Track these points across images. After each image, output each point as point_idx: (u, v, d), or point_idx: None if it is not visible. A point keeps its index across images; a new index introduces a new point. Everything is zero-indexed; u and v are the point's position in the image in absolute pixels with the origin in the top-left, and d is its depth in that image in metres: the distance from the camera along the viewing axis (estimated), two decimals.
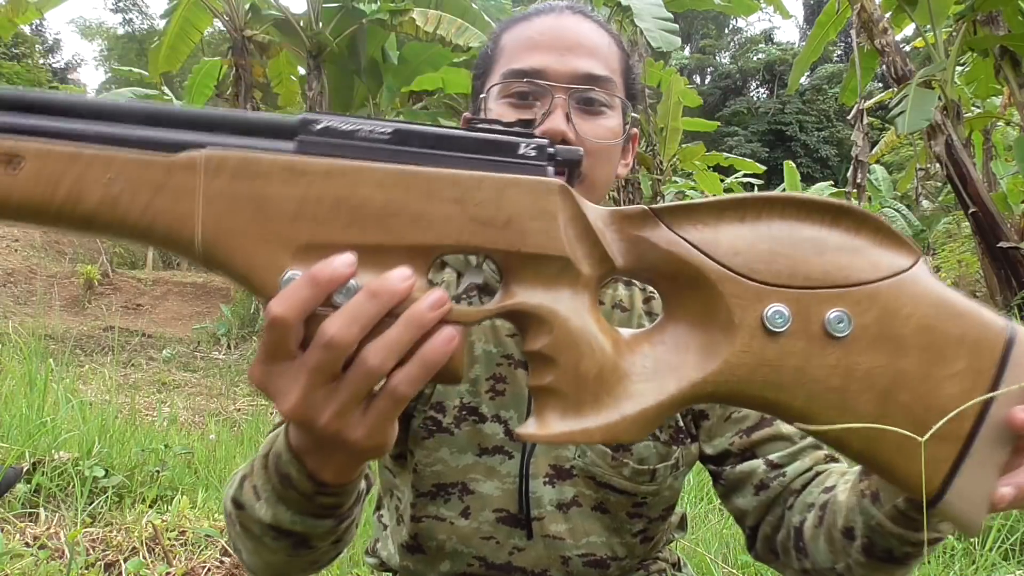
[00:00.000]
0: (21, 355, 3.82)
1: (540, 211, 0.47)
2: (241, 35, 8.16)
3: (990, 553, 2.12)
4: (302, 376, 0.45)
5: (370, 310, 0.44)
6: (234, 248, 0.45)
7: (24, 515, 2.20)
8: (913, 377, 0.48)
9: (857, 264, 0.49)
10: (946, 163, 6.18)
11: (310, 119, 0.47)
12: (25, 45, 17.51)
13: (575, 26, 0.85)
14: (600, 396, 0.47)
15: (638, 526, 0.90)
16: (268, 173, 0.45)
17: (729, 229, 0.49)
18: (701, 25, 37.07)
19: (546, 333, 0.47)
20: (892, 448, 0.48)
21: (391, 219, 0.46)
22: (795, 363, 0.48)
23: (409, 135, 0.48)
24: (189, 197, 0.45)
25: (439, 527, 0.88)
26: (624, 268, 0.50)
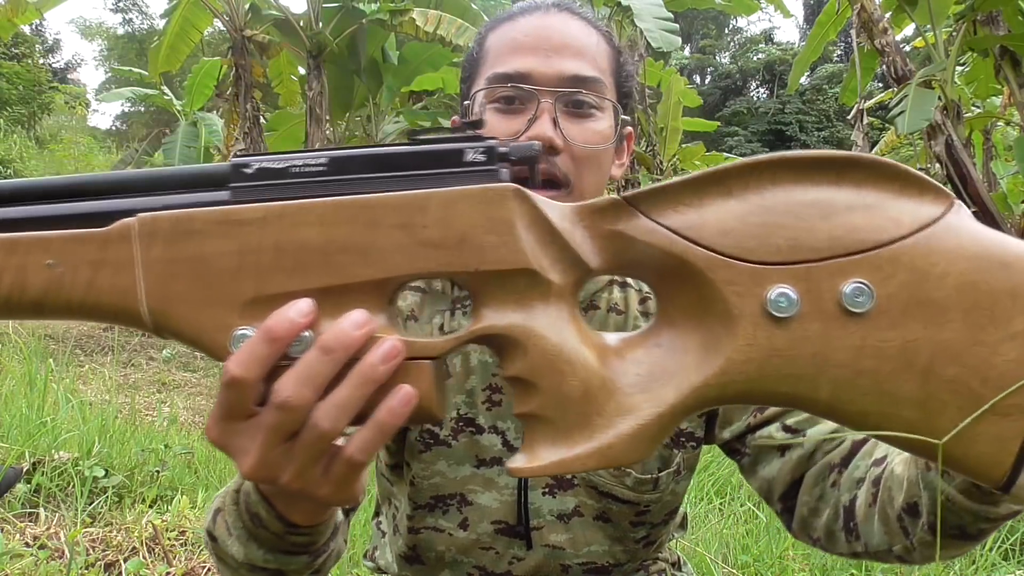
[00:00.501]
0: (21, 355, 3.82)
1: (494, 222, 0.42)
2: (241, 35, 8.15)
3: (990, 553, 2.12)
4: (258, 436, 0.43)
5: (324, 368, 0.41)
6: (180, 315, 0.43)
7: (24, 515, 2.20)
8: (959, 347, 0.40)
9: (874, 223, 0.41)
10: (946, 163, 6.18)
11: (240, 163, 0.44)
12: (25, 45, 17.49)
13: (561, 25, 0.81)
14: (590, 417, 0.42)
15: (641, 533, 0.89)
16: (202, 230, 0.42)
17: (715, 207, 0.42)
18: (701, 25, 37.06)
19: (521, 356, 0.43)
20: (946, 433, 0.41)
21: (337, 257, 0.42)
22: (812, 349, 0.41)
23: (345, 162, 0.44)
24: (128, 269, 0.43)
25: (438, 538, 0.87)
26: (601, 268, 0.44)
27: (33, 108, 15.52)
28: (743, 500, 2.67)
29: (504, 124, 0.79)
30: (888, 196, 0.42)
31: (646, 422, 0.42)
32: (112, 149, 17.73)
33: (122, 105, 25.48)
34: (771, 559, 2.17)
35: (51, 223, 0.44)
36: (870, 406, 0.41)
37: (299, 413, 0.42)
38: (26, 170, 14.65)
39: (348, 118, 9.48)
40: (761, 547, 2.23)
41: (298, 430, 0.42)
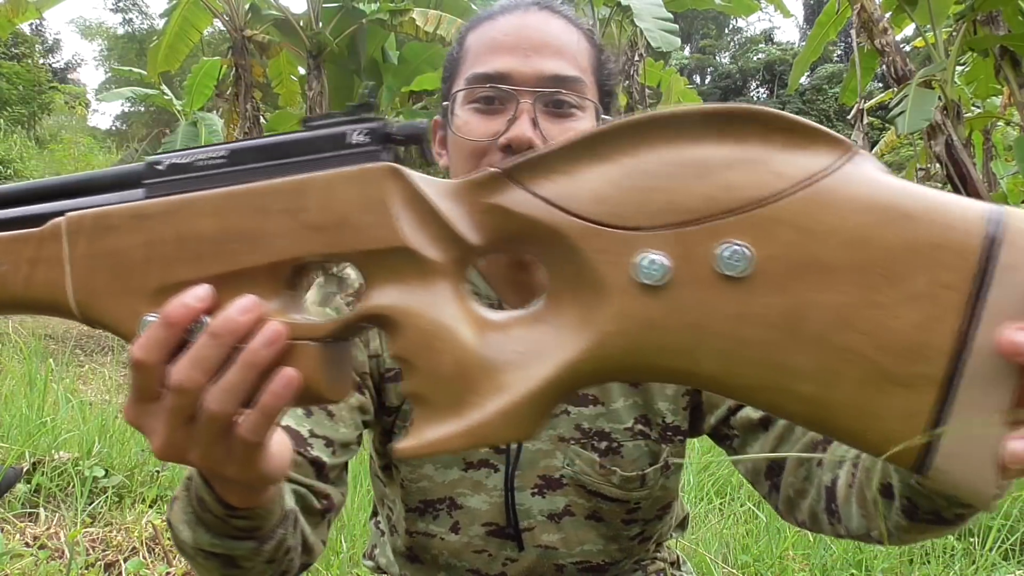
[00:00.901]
0: (21, 355, 3.82)
1: (371, 202, 0.42)
2: (241, 35, 8.15)
3: (990, 553, 2.12)
4: (163, 418, 0.45)
5: (212, 352, 0.43)
6: (100, 306, 0.45)
7: (24, 515, 2.20)
8: (853, 311, 0.36)
9: (756, 179, 0.37)
10: (946, 163, 6.18)
11: (153, 160, 0.46)
12: (25, 45, 17.50)
13: (541, 24, 0.80)
14: (463, 396, 0.41)
15: (635, 530, 0.89)
16: (118, 226, 0.45)
17: (591, 173, 0.40)
18: (701, 25, 37.06)
19: (401, 335, 0.42)
20: (847, 408, 0.37)
21: (229, 245, 0.44)
22: (689, 319, 0.38)
23: (243, 152, 0.45)
24: (59, 265, 0.46)
25: (431, 542, 0.87)
26: (484, 245, 0.43)
27: (33, 108, 15.53)
28: (743, 500, 2.67)
29: (484, 125, 0.79)
30: (773, 150, 0.38)
31: (517, 400, 0.41)
32: (112, 149, 17.72)
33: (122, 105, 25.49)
34: (771, 559, 2.17)
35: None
36: (759, 380, 0.38)
37: (192, 396, 0.43)
38: (26, 170, 14.64)
39: None
40: (761, 547, 2.23)
41: (195, 414, 0.44)
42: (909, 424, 0.36)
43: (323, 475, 0.75)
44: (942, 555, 2.15)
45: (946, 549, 2.18)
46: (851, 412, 0.37)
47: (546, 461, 0.84)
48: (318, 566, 2.11)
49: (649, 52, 8.99)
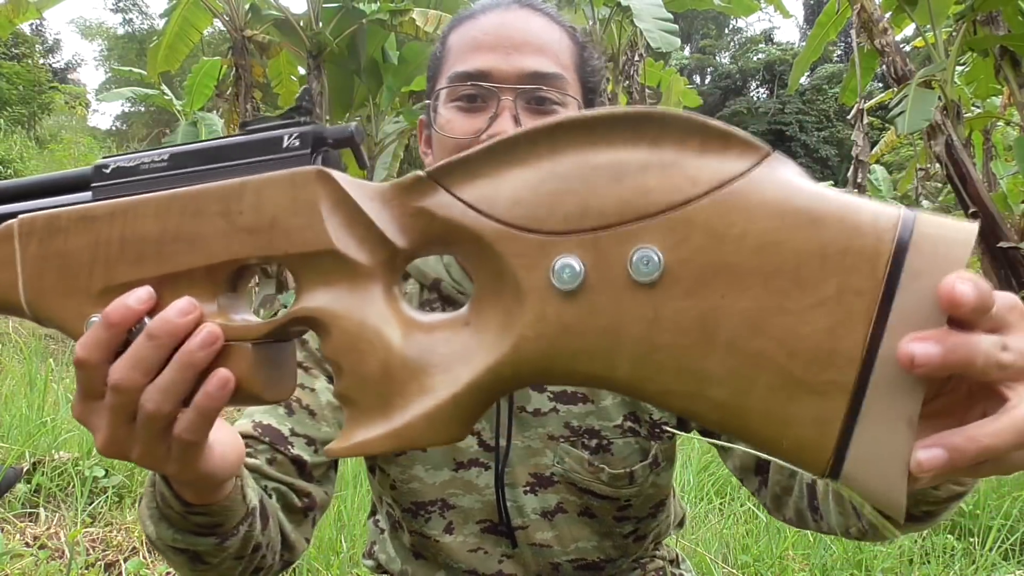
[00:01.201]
0: (21, 355, 3.82)
1: (300, 204, 0.43)
2: (241, 35, 8.15)
3: (990, 553, 2.12)
4: (105, 415, 0.46)
5: (150, 353, 0.44)
6: (49, 305, 0.47)
7: (24, 515, 2.20)
8: (762, 316, 0.36)
9: (669, 183, 0.37)
10: (946, 163, 6.18)
11: (101, 164, 0.48)
12: (25, 45, 17.48)
13: (521, 22, 0.81)
14: (388, 398, 0.42)
15: (627, 528, 0.89)
16: (66, 228, 0.46)
17: (511, 176, 0.40)
18: (701, 25, 37.07)
19: (330, 337, 0.43)
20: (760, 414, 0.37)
21: (169, 247, 0.45)
22: (603, 323, 0.38)
23: (184, 156, 0.46)
24: (11, 266, 0.47)
25: (426, 544, 0.88)
26: (410, 247, 0.43)
27: (33, 108, 15.52)
28: (743, 500, 2.67)
29: (466, 123, 0.79)
30: (688, 154, 0.37)
31: (440, 403, 0.41)
32: (112, 149, 17.71)
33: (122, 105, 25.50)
34: (771, 559, 2.17)
35: None
36: (672, 385, 0.38)
37: (131, 395, 0.44)
38: (26, 170, 14.63)
39: (348, 118, 9.48)
40: (761, 547, 2.23)
41: (134, 413, 0.45)
42: (821, 431, 0.36)
43: (305, 473, 0.76)
44: (942, 555, 2.15)
45: (946, 549, 2.19)
46: (764, 418, 0.37)
47: (536, 459, 0.84)
48: (318, 566, 2.11)
49: (649, 52, 8.99)
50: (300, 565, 2.11)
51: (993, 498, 2.41)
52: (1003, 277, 6.16)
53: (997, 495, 2.43)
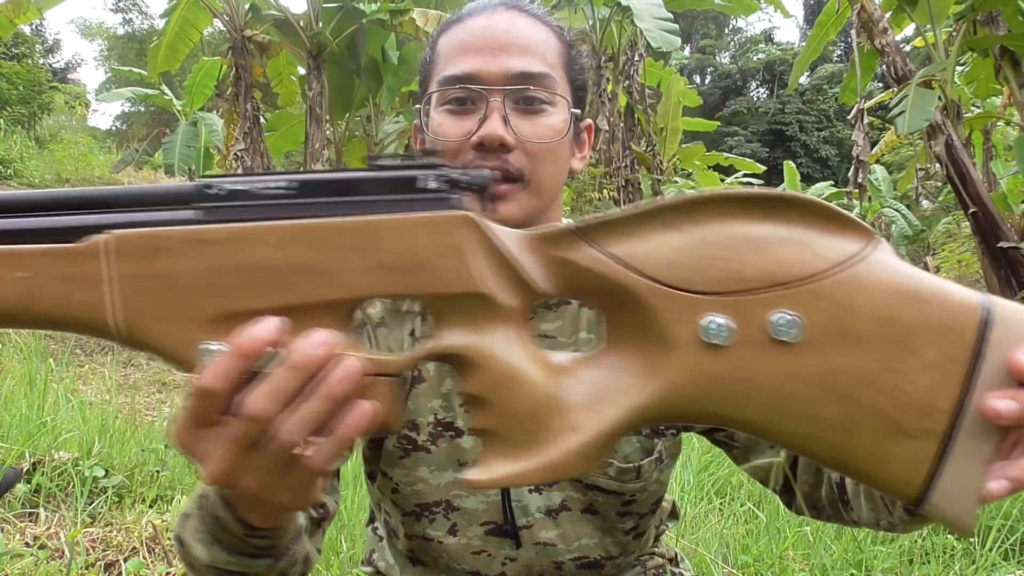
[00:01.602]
0: (21, 355, 3.82)
1: (445, 248, 0.45)
2: (241, 35, 8.15)
3: (990, 553, 2.12)
4: (224, 444, 0.45)
5: (291, 384, 0.44)
6: (147, 328, 0.45)
7: (24, 515, 2.20)
8: (877, 375, 0.43)
9: (800, 257, 0.44)
10: (946, 163, 6.18)
11: (205, 184, 0.46)
12: (25, 45, 17.47)
13: (507, 24, 0.82)
14: (537, 434, 0.45)
15: (629, 524, 0.90)
16: (168, 248, 0.44)
17: (657, 238, 0.45)
18: (701, 25, 37.06)
19: (476, 374, 0.45)
20: (865, 454, 0.45)
21: (295, 278, 0.44)
22: (743, 375, 0.44)
23: (308, 185, 0.46)
24: (99, 284, 0.44)
25: (429, 546, 0.87)
26: (550, 293, 0.47)
27: (33, 108, 15.52)
28: (743, 500, 2.67)
29: (456, 125, 0.80)
30: (814, 232, 0.44)
31: (590, 439, 0.45)
32: (112, 149, 17.72)
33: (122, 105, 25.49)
34: (771, 559, 2.17)
35: (22, 237, 0.45)
36: (796, 428, 0.44)
37: (265, 425, 0.44)
38: (26, 170, 14.62)
39: (348, 118, 9.48)
40: (761, 547, 2.23)
41: (261, 440, 0.45)
42: (915, 468, 0.44)
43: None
44: (942, 555, 2.15)
45: (946, 549, 2.19)
46: (868, 456, 0.45)
47: None
48: (318, 566, 2.11)
49: (649, 52, 8.99)
50: None
51: None
52: (1003, 277, 6.16)
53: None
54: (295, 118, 9.26)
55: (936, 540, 2.22)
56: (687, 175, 14.60)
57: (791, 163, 17.30)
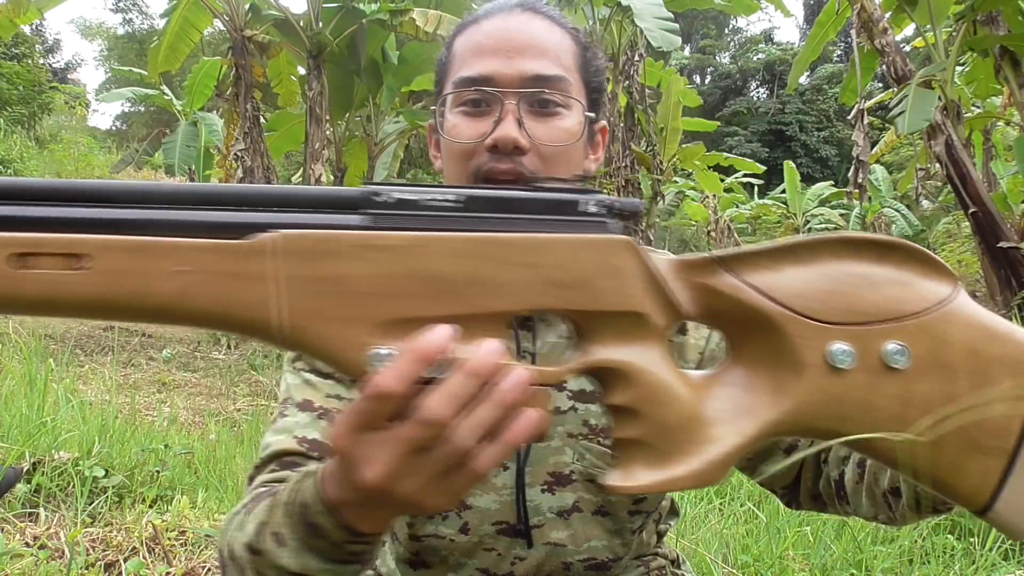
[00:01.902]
0: (21, 355, 3.82)
1: (610, 268, 0.48)
2: (241, 35, 8.15)
3: (990, 553, 2.12)
4: (392, 447, 0.46)
5: (468, 390, 0.45)
6: (315, 330, 0.45)
7: (24, 515, 2.20)
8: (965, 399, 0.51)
9: (907, 296, 0.51)
10: (946, 163, 6.18)
11: (373, 191, 0.47)
12: (25, 45, 17.46)
13: (523, 26, 0.82)
14: (684, 444, 0.49)
15: (637, 522, 0.90)
16: (339, 252, 0.45)
17: (789, 272, 0.51)
18: (701, 25, 37.06)
19: (630, 388, 0.49)
20: (948, 467, 0.51)
21: (467, 288, 0.46)
22: (860, 396, 0.50)
23: (475, 200, 0.48)
24: (263, 282, 0.44)
25: (440, 544, 0.87)
26: (691, 315, 0.51)
27: (33, 108, 15.52)
28: (743, 500, 2.67)
29: (471, 127, 0.81)
30: (917, 275, 0.52)
31: (730, 450, 0.49)
32: (112, 149, 17.73)
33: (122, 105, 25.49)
34: (771, 559, 2.17)
35: (183, 230, 0.44)
36: (895, 443, 0.50)
37: (440, 429, 0.46)
38: (26, 170, 14.61)
39: (348, 118, 9.48)
40: (761, 547, 2.23)
41: (432, 444, 0.46)
42: (985, 480, 0.51)
43: None
44: (942, 555, 2.15)
45: (946, 549, 2.19)
46: (950, 469, 0.51)
47: (556, 458, 0.85)
48: None
49: (649, 52, 8.99)
50: None
51: None
52: (1003, 277, 6.16)
53: None
54: (295, 118, 9.26)
55: (936, 540, 2.22)
56: (687, 175, 14.60)
57: (791, 163, 17.32)
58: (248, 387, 5.86)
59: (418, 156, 15.78)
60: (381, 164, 9.68)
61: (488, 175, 0.79)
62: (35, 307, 0.43)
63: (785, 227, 17.51)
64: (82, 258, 0.42)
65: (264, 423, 4.01)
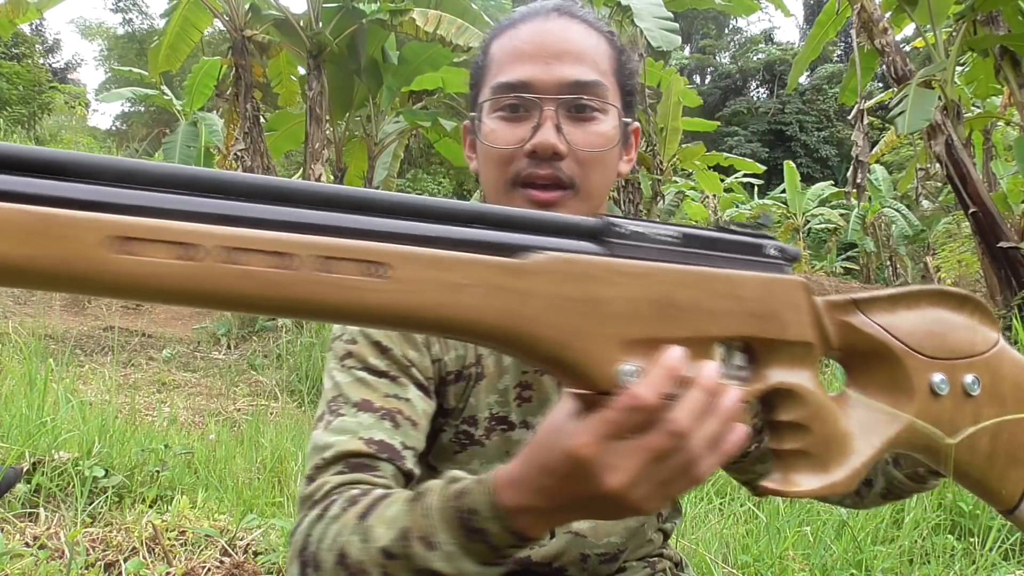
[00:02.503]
0: (21, 355, 3.82)
1: (792, 304, 0.57)
2: (241, 35, 8.15)
3: (990, 553, 2.12)
4: (638, 455, 0.50)
5: (703, 405, 0.51)
6: (576, 345, 0.49)
7: (24, 515, 2.20)
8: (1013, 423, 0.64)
9: (975, 339, 0.64)
10: (946, 163, 6.18)
11: (612, 222, 0.52)
12: (25, 45, 17.47)
13: (560, 31, 0.83)
14: (839, 456, 0.58)
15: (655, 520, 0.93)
16: (597, 276, 0.50)
17: (902, 314, 0.62)
18: (701, 25, 37.05)
19: (799, 407, 0.57)
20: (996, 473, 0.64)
21: (691, 314, 0.53)
22: (948, 417, 0.62)
23: (692, 238, 0.55)
24: (532, 299, 0.48)
25: None
26: (834, 346, 0.60)
27: (33, 108, 15.52)
28: (743, 500, 2.67)
29: (509, 132, 0.82)
30: (979, 322, 0.65)
31: (866, 460, 0.59)
32: (112, 149, 17.71)
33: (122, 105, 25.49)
34: (771, 559, 2.17)
35: (466, 247, 0.48)
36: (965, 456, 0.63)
37: (682, 440, 0.51)
38: None
39: (348, 118, 9.48)
40: (761, 547, 2.23)
41: (671, 453, 0.51)
42: (1017, 487, 0.65)
43: (410, 485, 0.77)
44: (942, 555, 2.15)
45: (946, 549, 2.19)
46: (997, 476, 0.64)
47: None
48: None
49: (649, 52, 8.98)
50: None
51: None
52: (1003, 277, 6.16)
53: None
54: (295, 118, 9.26)
55: (936, 540, 2.22)
56: (687, 175, 14.60)
57: (791, 163, 17.31)
58: (248, 387, 5.86)
59: (418, 156, 15.78)
60: (381, 164, 9.68)
61: (527, 180, 0.80)
62: (334, 314, 0.45)
63: (785, 227, 17.51)
64: (384, 269, 0.44)
65: (264, 423, 4.01)
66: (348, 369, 0.82)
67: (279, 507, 2.62)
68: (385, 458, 0.76)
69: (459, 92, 9.24)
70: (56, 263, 0.38)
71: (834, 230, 17.86)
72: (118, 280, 0.40)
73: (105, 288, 0.40)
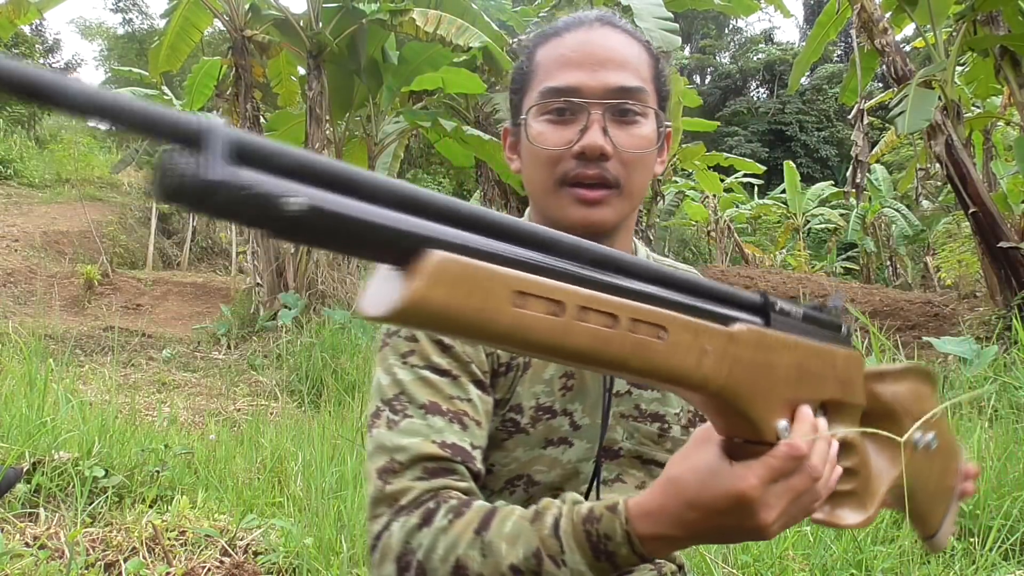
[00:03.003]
0: (21, 355, 3.83)
1: (858, 375, 0.71)
2: (241, 35, 8.15)
3: (990, 553, 2.12)
4: (787, 495, 0.61)
5: (827, 453, 0.63)
6: (756, 402, 0.59)
7: (24, 515, 2.20)
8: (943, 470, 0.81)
9: (927, 407, 0.77)
10: (946, 163, 6.18)
11: (771, 301, 0.62)
12: (25, 45, 17.45)
13: (605, 40, 0.89)
14: (873, 494, 0.71)
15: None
16: (773, 346, 0.60)
17: (895, 385, 0.77)
18: (701, 25, 37.05)
19: (855, 454, 0.70)
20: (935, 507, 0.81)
21: (815, 379, 0.65)
22: (919, 468, 0.77)
23: (813, 319, 0.67)
24: (738, 363, 0.56)
25: None
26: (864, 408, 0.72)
27: (33, 108, 15.50)
28: None
29: (557, 134, 0.87)
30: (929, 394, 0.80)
31: (882, 498, 0.72)
32: (112, 149, 17.72)
33: None
34: (771, 559, 2.17)
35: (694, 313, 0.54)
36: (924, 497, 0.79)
37: (816, 482, 0.62)
38: (26, 170, 14.60)
39: (348, 118, 9.48)
40: (761, 547, 2.23)
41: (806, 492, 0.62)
42: (940, 518, 0.83)
43: (479, 483, 0.81)
44: (942, 555, 2.15)
45: (946, 549, 2.18)
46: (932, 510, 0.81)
47: (608, 435, 0.92)
48: (318, 566, 2.11)
49: None
50: (300, 565, 2.11)
51: (993, 498, 2.41)
52: (1003, 277, 6.16)
53: (997, 495, 2.43)
54: (295, 118, 9.25)
55: None
56: (687, 175, 14.61)
57: (791, 163, 17.31)
58: (248, 387, 5.86)
59: (418, 156, 15.76)
60: (381, 164, 9.68)
61: (575, 179, 0.86)
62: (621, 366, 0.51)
63: (785, 227, 17.51)
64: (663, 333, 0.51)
65: (264, 423, 4.01)
66: (411, 367, 0.84)
67: (279, 507, 2.62)
68: (459, 461, 0.79)
69: (459, 92, 9.24)
70: (471, 312, 0.43)
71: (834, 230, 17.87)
72: (513, 332, 0.45)
73: (498, 338, 0.45)
